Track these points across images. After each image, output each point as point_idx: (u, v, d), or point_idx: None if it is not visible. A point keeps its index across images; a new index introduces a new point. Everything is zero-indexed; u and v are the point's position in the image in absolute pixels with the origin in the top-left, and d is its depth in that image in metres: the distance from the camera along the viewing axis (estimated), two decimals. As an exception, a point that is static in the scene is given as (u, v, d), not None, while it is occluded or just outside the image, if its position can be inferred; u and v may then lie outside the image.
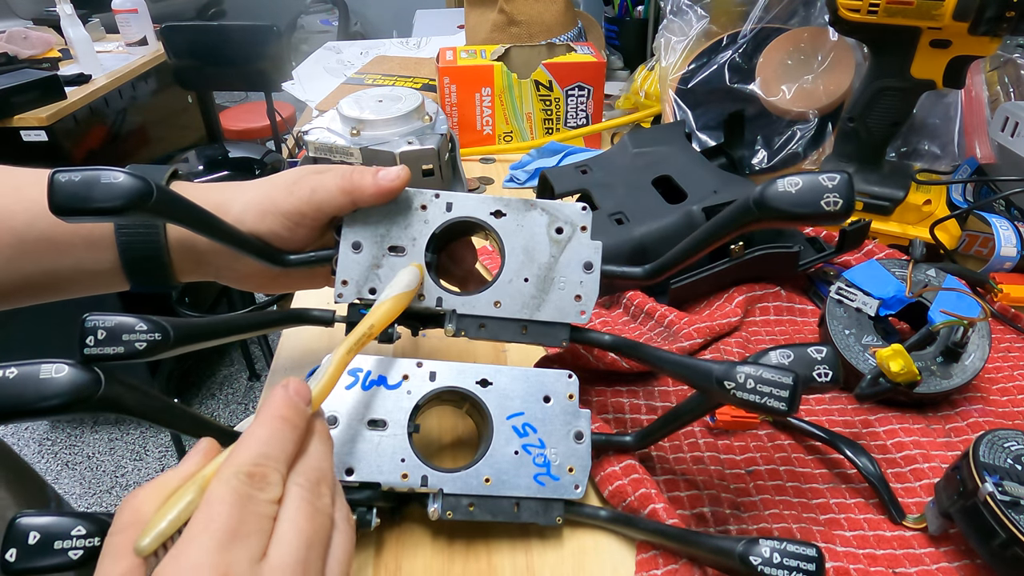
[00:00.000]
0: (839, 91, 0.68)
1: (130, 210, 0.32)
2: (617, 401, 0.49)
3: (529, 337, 0.41)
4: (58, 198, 0.32)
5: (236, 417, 2.00)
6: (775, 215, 0.34)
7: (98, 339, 0.34)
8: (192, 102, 2.17)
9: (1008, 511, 0.33)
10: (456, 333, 0.40)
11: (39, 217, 0.40)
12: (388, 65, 1.13)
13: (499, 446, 0.39)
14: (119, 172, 0.32)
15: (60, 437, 1.92)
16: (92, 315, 0.35)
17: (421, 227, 0.41)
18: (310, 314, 0.44)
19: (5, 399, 0.28)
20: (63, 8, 1.67)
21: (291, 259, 0.42)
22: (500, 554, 0.39)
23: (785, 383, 0.33)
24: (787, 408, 0.33)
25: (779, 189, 0.33)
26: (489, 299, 0.41)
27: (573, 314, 0.41)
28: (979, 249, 0.63)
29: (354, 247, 0.41)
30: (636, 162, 0.64)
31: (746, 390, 0.33)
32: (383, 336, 0.40)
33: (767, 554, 0.33)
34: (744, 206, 0.35)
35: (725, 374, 0.34)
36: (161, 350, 0.35)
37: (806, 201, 0.33)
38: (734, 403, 0.34)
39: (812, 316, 0.56)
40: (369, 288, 0.41)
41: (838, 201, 0.33)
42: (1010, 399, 0.47)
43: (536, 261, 0.41)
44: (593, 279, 0.41)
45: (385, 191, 0.40)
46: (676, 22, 0.81)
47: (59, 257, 0.41)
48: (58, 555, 0.28)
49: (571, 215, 0.42)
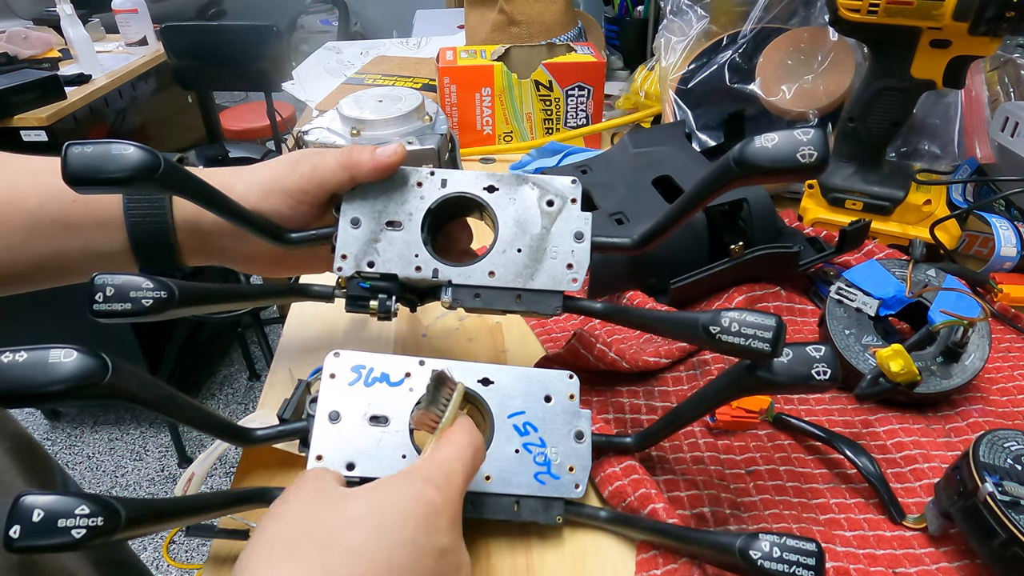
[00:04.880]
0: (839, 91, 0.68)
1: (139, 180, 0.34)
2: (617, 401, 0.49)
3: (523, 305, 0.42)
4: (72, 168, 0.34)
5: (236, 417, 1.99)
6: (755, 171, 0.35)
7: (107, 295, 0.36)
8: (192, 102, 2.17)
9: (1008, 511, 0.33)
10: (452, 304, 0.42)
11: (52, 199, 0.42)
12: (388, 65, 1.13)
13: (500, 444, 0.39)
14: (129, 145, 0.34)
15: (60, 437, 1.92)
16: (100, 274, 0.37)
17: (417, 203, 0.43)
18: (310, 289, 0.46)
19: (15, 381, 0.29)
20: (63, 8, 1.67)
21: (293, 237, 0.43)
22: (500, 554, 0.39)
23: (768, 324, 0.34)
24: (771, 349, 0.34)
25: (757, 145, 0.35)
26: (484, 269, 0.42)
27: (565, 282, 0.42)
28: (979, 249, 0.64)
29: (353, 223, 0.42)
30: (636, 162, 0.64)
31: (731, 333, 0.34)
32: (382, 311, 0.42)
33: (767, 548, 0.33)
34: (724, 165, 0.36)
35: (711, 320, 0.35)
36: (167, 308, 0.37)
37: (783, 155, 0.34)
38: (720, 348, 0.35)
39: (812, 316, 0.56)
40: (368, 261, 0.42)
41: (813, 153, 0.34)
42: (1010, 399, 0.47)
43: (528, 232, 0.42)
44: (584, 248, 0.42)
45: (383, 166, 0.41)
46: (676, 22, 0.81)
47: (71, 239, 0.43)
48: (61, 533, 0.29)
49: (561, 188, 0.43)
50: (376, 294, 0.42)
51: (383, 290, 0.42)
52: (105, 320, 0.37)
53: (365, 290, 0.42)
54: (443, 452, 0.33)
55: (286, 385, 0.52)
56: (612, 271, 0.57)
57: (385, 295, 0.42)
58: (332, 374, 0.39)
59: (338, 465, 0.37)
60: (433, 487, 0.30)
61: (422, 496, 0.30)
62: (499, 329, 0.58)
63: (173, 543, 1.63)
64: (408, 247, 0.42)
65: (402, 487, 0.30)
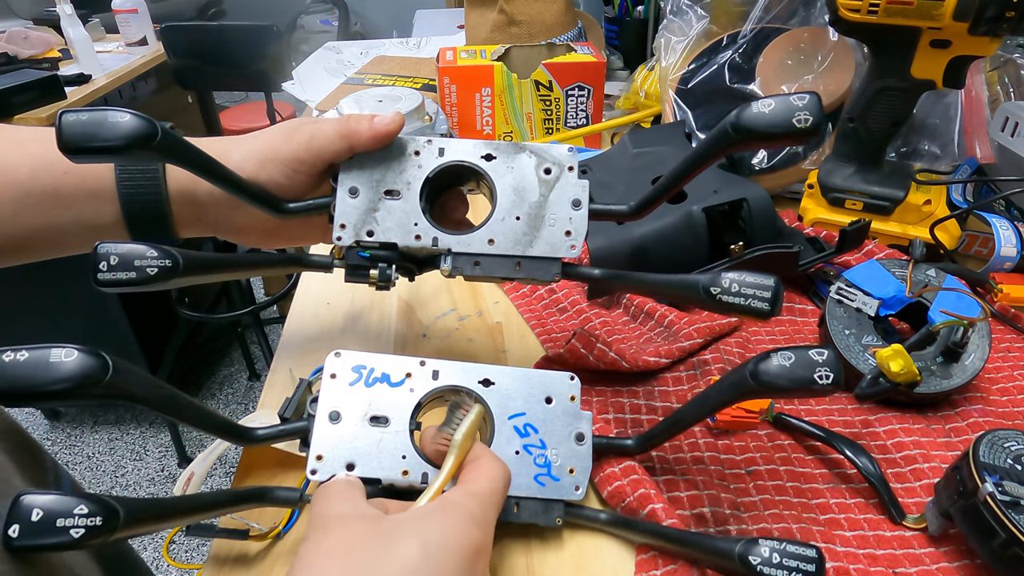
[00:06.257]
0: (839, 91, 0.68)
1: (136, 148, 0.34)
2: (617, 401, 0.49)
3: (523, 272, 0.42)
4: (67, 136, 0.33)
5: (236, 417, 1.99)
6: (751, 135, 0.35)
7: (111, 264, 0.35)
8: (192, 102, 2.18)
9: (1008, 511, 0.33)
10: (452, 272, 0.42)
11: (42, 170, 0.41)
12: (388, 65, 1.13)
13: (500, 446, 0.39)
14: (125, 112, 0.34)
15: (60, 437, 1.92)
16: (104, 243, 0.36)
17: (415, 171, 0.43)
18: (309, 259, 0.45)
19: (16, 380, 0.29)
20: (63, 8, 1.67)
21: (290, 207, 0.43)
22: (500, 555, 0.39)
23: (767, 284, 0.35)
24: (770, 308, 0.34)
25: (753, 111, 0.35)
26: (483, 237, 0.42)
27: (564, 249, 0.42)
28: (979, 249, 0.64)
29: (351, 192, 0.42)
30: (636, 162, 0.64)
31: (731, 294, 0.35)
32: (382, 280, 0.42)
33: (766, 554, 0.33)
34: (722, 130, 0.36)
35: (711, 281, 0.36)
36: (171, 276, 0.36)
37: (779, 120, 0.35)
38: (720, 308, 0.36)
39: (812, 316, 0.56)
40: (367, 231, 0.42)
41: (808, 118, 0.34)
42: (1010, 399, 0.47)
43: (527, 200, 0.43)
44: (581, 216, 0.42)
45: (381, 135, 0.42)
46: (676, 22, 0.81)
47: (62, 211, 0.42)
48: (59, 533, 0.29)
49: (558, 156, 0.43)
50: (376, 263, 0.42)
51: (383, 259, 0.42)
52: (109, 289, 0.36)
53: (364, 259, 0.42)
54: (481, 485, 0.33)
55: (286, 385, 0.52)
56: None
57: (385, 264, 0.42)
58: (333, 374, 0.39)
59: (338, 465, 0.37)
60: (477, 526, 0.30)
61: (467, 538, 0.30)
62: (499, 329, 0.58)
63: (173, 543, 1.63)
64: (407, 216, 0.42)
65: (449, 527, 0.30)
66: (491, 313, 0.60)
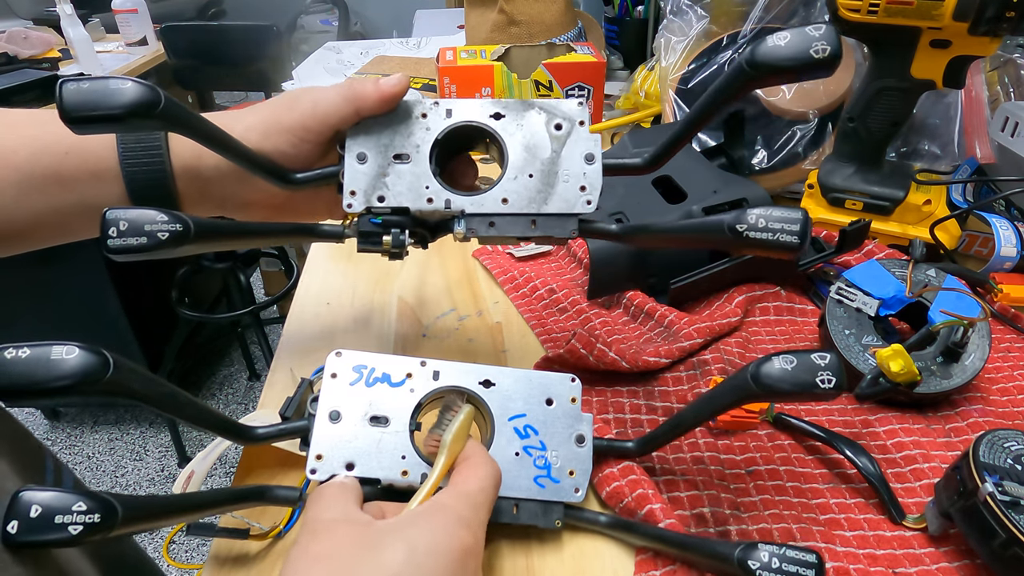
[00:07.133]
0: (839, 91, 0.68)
1: (139, 117, 0.32)
2: (617, 402, 0.49)
3: (539, 230, 0.41)
4: (68, 105, 0.32)
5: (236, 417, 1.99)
6: (768, 70, 0.34)
7: (120, 230, 0.34)
8: (192, 102, 2.18)
9: (1008, 511, 0.33)
10: (467, 234, 0.41)
11: (42, 152, 0.40)
12: (388, 65, 1.13)
13: (500, 447, 0.39)
14: (127, 79, 0.33)
15: (60, 437, 1.92)
16: (112, 208, 0.35)
17: (423, 134, 0.42)
18: (320, 228, 0.44)
19: (17, 377, 0.29)
20: (63, 8, 1.67)
21: (298, 177, 0.42)
22: (499, 556, 0.39)
23: (795, 217, 0.33)
24: (799, 241, 0.33)
25: (769, 44, 0.34)
26: (496, 196, 0.41)
27: (580, 204, 0.41)
28: (979, 249, 0.64)
29: (359, 158, 0.42)
30: (636, 162, 0.63)
31: (758, 229, 0.34)
32: (395, 247, 0.41)
33: (766, 559, 0.33)
34: (737, 68, 0.35)
35: (736, 219, 0.35)
36: (183, 242, 0.35)
37: (796, 53, 0.34)
38: (748, 245, 0.34)
39: (812, 316, 0.56)
40: (378, 196, 0.41)
41: (826, 48, 0.33)
42: (1010, 399, 0.47)
43: (539, 157, 0.42)
44: (595, 170, 0.42)
45: (388, 96, 0.41)
46: (676, 22, 0.81)
47: (65, 193, 0.41)
48: (58, 529, 0.29)
49: (568, 111, 0.42)
50: (388, 229, 0.41)
51: (395, 224, 0.41)
52: (120, 257, 0.35)
53: (376, 226, 0.41)
54: (469, 486, 0.33)
55: (286, 385, 0.52)
56: (612, 271, 0.57)
57: (398, 229, 0.41)
58: (333, 374, 0.39)
59: (338, 465, 0.37)
60: (466, 528, 0.30)
61: (456, 540, 0.30)
62: (499, 329, 0.58)
63: (173, 543, 1.63)
64: (418, 179, 0.42)
65: (437, 530, 0.30)
66: (491, 313, 0.60)
